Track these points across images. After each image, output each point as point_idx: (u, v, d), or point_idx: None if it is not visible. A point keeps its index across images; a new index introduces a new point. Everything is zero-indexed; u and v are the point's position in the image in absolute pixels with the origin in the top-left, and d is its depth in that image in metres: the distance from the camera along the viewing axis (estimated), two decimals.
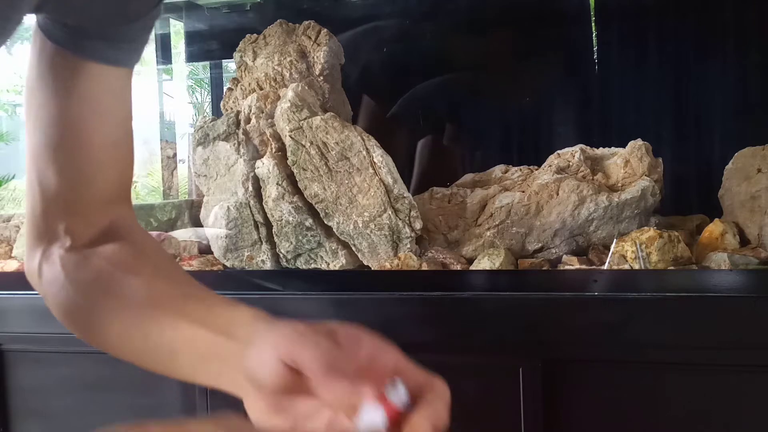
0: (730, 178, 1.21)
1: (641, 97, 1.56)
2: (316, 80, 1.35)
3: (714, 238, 1.11)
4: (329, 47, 1.37)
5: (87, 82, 0.64)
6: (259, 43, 1.42)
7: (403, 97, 1.64)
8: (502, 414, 0.90)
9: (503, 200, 1.20)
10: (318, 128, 1.18)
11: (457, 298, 0.94)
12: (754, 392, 0.85)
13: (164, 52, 1.90)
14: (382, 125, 1.45)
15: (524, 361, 0.89)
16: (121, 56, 0.65)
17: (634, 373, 0.89)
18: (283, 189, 1.19)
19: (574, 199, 1.15)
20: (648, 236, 1.05)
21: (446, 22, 1.62)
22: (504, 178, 1.31)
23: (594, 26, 1.58)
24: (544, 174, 1.22)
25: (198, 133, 1.32)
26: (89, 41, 0.62)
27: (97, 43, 0.63)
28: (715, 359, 0.86)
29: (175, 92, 2.08)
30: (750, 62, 1.47)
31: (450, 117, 1.69)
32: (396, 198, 1.16)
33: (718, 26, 1.50)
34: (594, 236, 1.16)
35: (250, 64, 1.41)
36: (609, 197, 1.15)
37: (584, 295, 0.91)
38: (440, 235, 1.22)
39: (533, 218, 1.17)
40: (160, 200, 1.89)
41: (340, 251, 1.20)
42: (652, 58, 1.55)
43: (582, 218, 1.15)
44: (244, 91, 1.39)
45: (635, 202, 1.15)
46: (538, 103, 1.63)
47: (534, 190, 1.19)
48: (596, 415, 0.90)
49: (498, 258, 1.11)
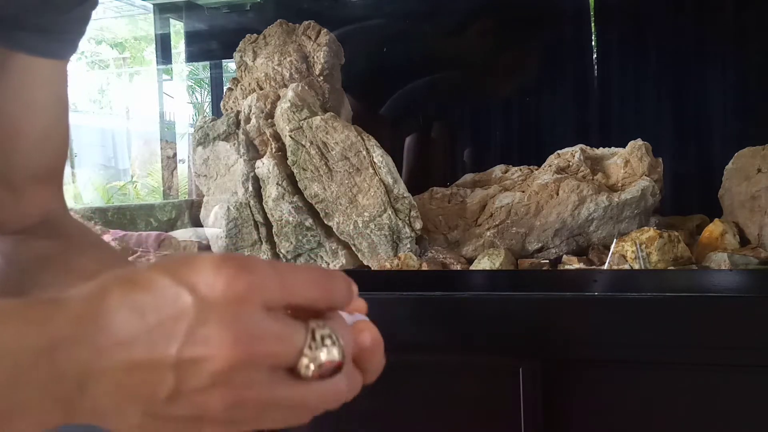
0: (730, 178, 1.21)
1: (641, 97, 1.56)
2: (316, 80, 1.35)
3: (714, 238, 1.11)
4: (329, 47, 1.37)
5: (17, 74, 0.62)
6: (259, 43, 1.42)
7: (393, 96, 1.64)
8: (502, 414, 0.90)
9: (503, 200, 1.20)
10: (318, 128, 1.18)
11: (457, 298, 0.94)
12: (754, 392, 0.85)
13: (164, 52, 1.90)
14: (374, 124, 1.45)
15: (524, 361, 0.89)
16: (54, 48, 0.63)
17: (634, 373, 0.89)
18: (283, 189, 1.19)
19: (574, 199, 1.15)
20: (648, 236, 1.05)
21: (446, 22, 1.62)
22: (504, 178, 1.31)
23: (594, 26, 1.58)
24: (544, 174, 1.22)
25: (198, 133, 1.32)
26: (20, 32, 0.61)
27: (28, 35, 0.61)
28: (715, 359, 0.86)
29: (175, 92, 2.09)
30: (750, 62, 1.47)
31: (443, 116, 1.69)
32: (396, 198, 1.16)
33: (718, 26, 1.50)
34: (594, 236, 1.16)
35: (250, 64, 1.41)
36: (609, 197, 1.15)
37: (584, 295, 0.91)
38: (440, 235, 1.22)
39: (533, 218, 1.17)
40: (160, 200, 1.89)
41: (340, 251, 1.20)
42: (652, 57, 1.55)
43: (582, 218, 1.15)
44: (244, 91, 1.39)
45: (635, 202, 1.15)
46: (538, 103, 1.63)
47: (534, 190, 1.19)
48: (596, 415, 0.90)
49: (498, 258, 1.11)
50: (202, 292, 0.35)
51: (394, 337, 0.42)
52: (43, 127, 0.66)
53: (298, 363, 0.37)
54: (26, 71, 0.63)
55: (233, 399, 0.36)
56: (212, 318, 0.35)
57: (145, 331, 0.35)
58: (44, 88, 0.65)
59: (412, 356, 0.88)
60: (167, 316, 0.35)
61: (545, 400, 0.89)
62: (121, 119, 3.68)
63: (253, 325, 0.36)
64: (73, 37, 0.65)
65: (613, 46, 1.59)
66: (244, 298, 0.36)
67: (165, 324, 0.35)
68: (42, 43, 0.62)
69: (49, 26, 0.62)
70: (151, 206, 1.57)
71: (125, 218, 1.51)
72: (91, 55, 3.93)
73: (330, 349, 0.38)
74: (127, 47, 4.15)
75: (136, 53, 4.00)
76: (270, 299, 0.37)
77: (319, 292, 0.39)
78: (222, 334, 0.35)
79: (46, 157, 0.67)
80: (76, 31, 0.65)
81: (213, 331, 0.35)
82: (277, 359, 0.36)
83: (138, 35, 2.99)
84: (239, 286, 0.36)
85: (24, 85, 0.63)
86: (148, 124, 1.89)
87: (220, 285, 0.35)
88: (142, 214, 1.53)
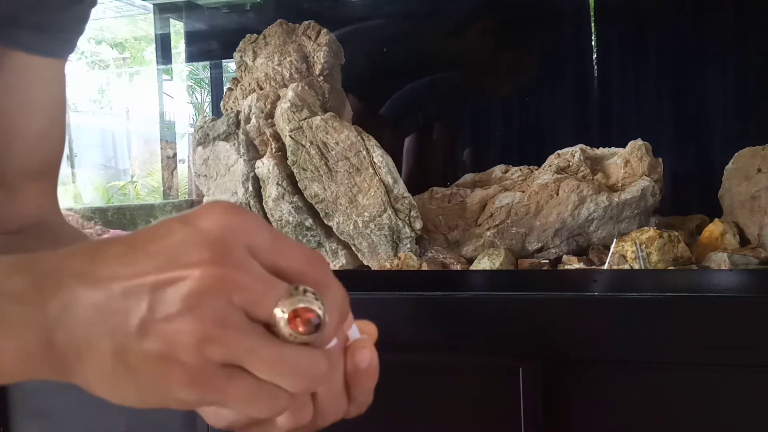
0: (730, 178, 1.21)
1: (641, 97, 1.56)
2: (316, 80, 1.35)
3: (714, 238, 1.11)
4: (329, 47, 1.37)
5: (15, 73, 0.62)
6: (259, 43, 1.42)
7: (393, 96, 1.64)
8: (502, 414, 0.90)
9: (503, 200, 1.20)
10: (318, 128, 1.18)
11: (457, 298, 0.94)
12: (754, 392, 0.85)
13: (164, 52, 1.90)
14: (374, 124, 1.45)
15: (524, 361, 0.89)
16: (52, 46, 0.63)
17: (634, 373, 0.89)
18: (283, 189, 1.19)
19: (574, 199, 1.15)
20: (648, 236, 1.05)
21: (446, 22, 1.62)
22: (504, 178, 1.31)
23: (594, 26, 1.58)
24: (544, 174, 1.22)
25: (198, 133, 1.32)
26: (18, 31, 0.60)
27: (26, 33, 0.61)
28: (715, 359, 0.86)
29: (175, 92, 2.09)
30: (750, 62, 1.47)
31: (443, 116, 1.69)
32: (396, 198, 1.16)
33: (718, 26, 1.50)
34: (594, 236, 1.16)
35: (250, 64, 1.41)
36: (609, 197, 1.15)
37: (584, 295, 0.91)
38: (440, 235, 1.22)
39: (533, 218, 1.17)
40: (160, 200, 1.89)
41: (340, 251, 1.20)
42: (652, 57, 1.55)
43: (582, 218, 1.15)
44: (244, 91, 1.39)
45: (635, 202, 1.15)
46: (537, 103, 1.63)
47: (534, 190, 1.19)
48: (596, 415, 0.90)
49: (498, 258, 1.11)
50: (192, 222, 0.36)
51: (394, 337, 0.41)
52: (40, 126, 0.65)
53: (274, 313, 0.35)
54: (24, 70, 0.62)
55: (203, 333, 0.34)
56: (197, 240, 0.35)
57: (131, 253, 0.35)
58: (42, 87, 0.64)
59: (412, 356, 0.88)
60: (155, 239, 0.35)
61: (545, 400, 0.89)
62: (121, 119, 3.68)
63: (234, 257, 0.35)
64: (71, 36, 0.65)
65: (613, 46, 1.59)
66: (234, 231, 0.35)
67: (151, 250, 0.35)
68: (40, 42, 0.62)
69: (47, 25, 0.62)
70: (151, 206, 1.57)
71: (125, 218, 1.51)
72: (91, 55, 3.93)
73: (311, 301, 0.36)
74: (127, 47, 4.15)
75: (136, 53, 4.00)
76: (259, 247, 0.36)
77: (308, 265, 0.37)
78: (201, 254, 0.34)
79: (42, 157, 0.66)
80: (74, 30, 0.64)
81: (194, 251, 0.35)
82: (253, 298, 0.35)
83: (138, 35, 2.99)
84: (232, 221, 0.36)
85: (21, 83, 0.62)
86: (148, 124, 1.89)
87: (211, 218, 0.36)
88: (142, 214, 1.53)
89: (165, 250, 0.35)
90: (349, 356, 0.40)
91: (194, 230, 0.35)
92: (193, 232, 0.35)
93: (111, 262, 0.35)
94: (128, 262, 0.35)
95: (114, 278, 0.35)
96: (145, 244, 0.36)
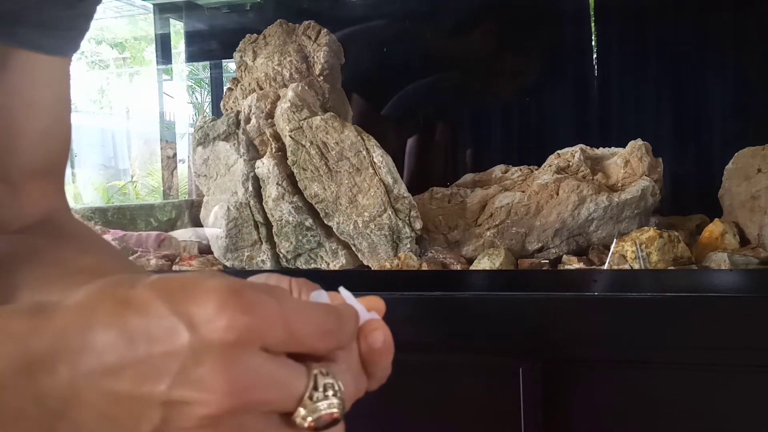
0: (730, 178, 1.21)
1: (641, 97, 1.56)
2: (316, 80, 1.35)
3: (714, 238, 1.11)
4: (329, 47, 1.37)
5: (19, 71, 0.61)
6: (259, 43, 1.42)
7: (394, 96, 1.64)
8: (502, 414, 0.90)
9: (503, 200, 1.20)
10: (318, 128, 1.18)
11: (457, 298, 0.94)
12: (754, 392, 0.85)
13: (164, 52, 1.90)
14: (374, 124, 1.45)
15: (524, 361, 0.89)
16: (56, 45, 0.62)
17: (634, 373, 0.89)
18: (283, 189, 1.19)
19: (574, 199, 1.15)
20: (648, 236, 1.05)
21: (446, 22, 1.62)
22: (504, 178, 1.31)
23: (594, 26, 1.58)
24: (544, 174, 1.22)
25: (198, 133, 1.32)
26: (22, 29, 0.59)
27: (30, 31, 0.60)
28: (715, 359, 0.86)
29: (175, 92, 2.09)
30: (750, 62, 1.48)
31: (443, 116, 1.69)
32: (396, 198, 1.16)
33: (718, 26, 1.50)
34: (594, 236, 1.16)
35: (250, 64, 1.41)
36: (609, 197, 1.15)
37: (584, 295, 0.91)
38: (440, 235, 1.22)
39: (533, 218, 1.17)
40: (160, 200, 1.89)
41: (340, 251, 1.20)
42: (652, 57, 1.55)
43: (582, 218, 1.15)
44: (244, 91, 1.39)
45: (635, 202, 1.15)
46: (537, 103, 1.63)
47: (534, 190, 1.20)
48: (596, 415, 0.91)
49: (498, 258, 1.11)
50: (200, 330, 0.32)
51: (394, 337, 0.41)
52: (44, 125, 0.65)
53: (295, 412, 0.35)
54: (28, 68, 0.62)
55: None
56: (208, 359, 0.32)
57: (134, 361, 0.33)
58: (46, 85, 0.64)
59: (412, 356, 0.87)
60: (160, 349, 0.32)
61: (545, 400, 0.89)
62: (121, 119, 3.68)
63: (250, 371, 0.33)
64: (76, 34, 0.64)
65: (613, 46, 1.59)
66: (244, 341, 0.33)
67: (157, 358, 0.32)
68: (44, 40, 0.61)
69: (51, 22, 0.61)
70: (151, 206, 1.57)
71: (125, 218, 1.51)
72: (91, 55, 3.93)
73: (330, 401, 0.35)
74: (127, 47, 4.15)
75: (136, 53, 4.00)
76: (272, 344, 0.34)
77: (325, 342, 0.36)
78: (217, 378, 0.32)
79: (47, 155, 0.66)
80: (78, 28, 0.64)
81: (207, 374, 0.32)
82: (274, 406, 0.34)
83: (138, 35, 2.99)
84: (241, 329, 0.33)
85: (25, 82, 0.62)
86: (148, 124, 1.89)
87: (221, 325, 0.32)
88: (142, 214, 1.53)
89: (173, 368, 0.32)
90: (363, 339, 0.40)
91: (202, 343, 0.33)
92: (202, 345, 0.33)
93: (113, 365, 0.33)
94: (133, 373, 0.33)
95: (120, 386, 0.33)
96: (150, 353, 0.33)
